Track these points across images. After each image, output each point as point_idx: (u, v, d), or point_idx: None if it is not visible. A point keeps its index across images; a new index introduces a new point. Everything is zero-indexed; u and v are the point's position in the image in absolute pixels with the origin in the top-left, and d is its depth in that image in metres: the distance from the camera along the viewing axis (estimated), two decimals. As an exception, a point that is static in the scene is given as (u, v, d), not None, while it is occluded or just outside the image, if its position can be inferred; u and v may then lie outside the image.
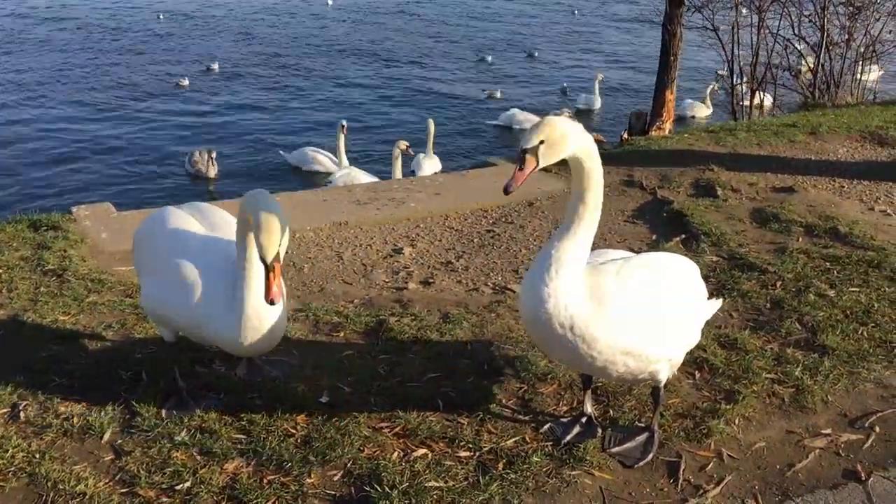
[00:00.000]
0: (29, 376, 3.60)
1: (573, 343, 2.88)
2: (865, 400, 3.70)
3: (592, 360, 2.92)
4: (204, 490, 2.94)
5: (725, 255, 5.29)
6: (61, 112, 16.94)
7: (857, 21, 13.68)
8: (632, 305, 2.93)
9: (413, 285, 4.99)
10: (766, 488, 3.13)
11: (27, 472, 3.01)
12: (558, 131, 2.79)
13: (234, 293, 3.07)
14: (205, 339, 3.30)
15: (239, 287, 3.06)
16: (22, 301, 4.38)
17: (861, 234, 5.56)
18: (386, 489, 2.96)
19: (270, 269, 2.88)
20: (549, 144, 2.79)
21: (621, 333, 2.89)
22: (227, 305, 3.08)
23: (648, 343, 2.96)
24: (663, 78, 11.45)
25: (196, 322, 3.18)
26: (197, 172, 13.11)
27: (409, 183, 7.11)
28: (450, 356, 3.94)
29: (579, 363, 3.01)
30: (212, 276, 3.15)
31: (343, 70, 21.52)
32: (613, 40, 26.11)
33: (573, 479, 3.10)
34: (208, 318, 3.13)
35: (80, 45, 23.39)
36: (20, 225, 5.48)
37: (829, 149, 8.01)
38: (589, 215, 2.90)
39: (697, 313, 3.31)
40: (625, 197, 6.65)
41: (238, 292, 3.06)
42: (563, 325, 2.85)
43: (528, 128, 2.90)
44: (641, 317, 2.94)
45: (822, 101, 12.47)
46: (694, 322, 3.28)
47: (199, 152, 13.27)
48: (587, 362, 2.95)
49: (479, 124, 17.14)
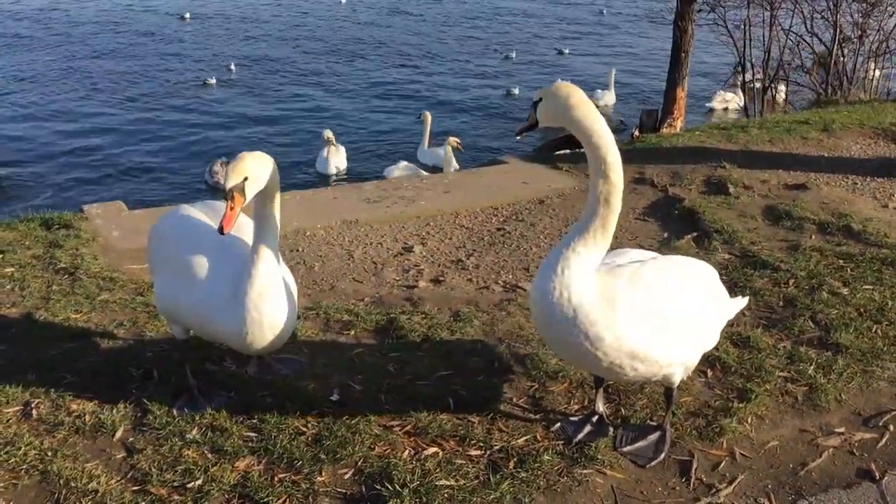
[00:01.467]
0: (41, 374, 3.61)
1: (578, 341, 2.86)
2: (879, 398, 3.67)
3: (598, 360, 2.90)
4: (215, 488, 2.94)
5: (738, 253, 5.26)
6: (74, 108, 17.03)
7: (871, 17, 13.58)
8: (642, 309, 2.89)
9: (423, 283, 4.98)
10: (779, 487, 3.11)
11: (39, 469, 3.02)
12: (564, 94, 2.84)
13: (238, 288, 3.08)
14: (214, 337, 3.31)
15: (243, 280, 3.07)
16: (34, 299, 4.40)
17: (874, 232, 5.52)
18: (397, 487, 2.96)
19: (230, 198, 2.88)
20: (552, 108, 2.89)
21: (628, 337, 2.86)
22: (233, 302, 3.08)
23: (657, 347, 2.92)
24: (674, 75, 11.42)
25: (204, 319, 3.19)
26: (216, 184, 12.17)
27: (419, 181, 7.10)
28: (460, 354, 3.94)
29: (586, 363, 2.99)
30: (222, 273, 3.15)
31: (366, 69, 21.55)
32: (638, 38, 25.97)
33: (584, 477, 3.09)
34: (215, 314, 3.14)
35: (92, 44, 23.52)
36: (32, 223, 5.51)
37: (843, 146, 7.95)
38: (605, 212, 2.85)
39: (715, 317, 3.27)
40: (636, 194, 6.61)
41: (241, 286, 3.07)
42: (567, 320, 2.83)
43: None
44: (651, 321, 2.90)
45: (835, 97, 12.38)
46: (710, 326, 3.25)
47: (220, 163, 12.51)
48: (593, 362, 2.93)
49: (493, 121, 17.14)
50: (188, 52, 22.79)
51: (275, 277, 3.11)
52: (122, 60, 21.64)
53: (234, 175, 2.89)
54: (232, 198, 2.89)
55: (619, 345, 2.86)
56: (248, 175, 2.91)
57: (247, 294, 3.05)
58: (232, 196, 2.89)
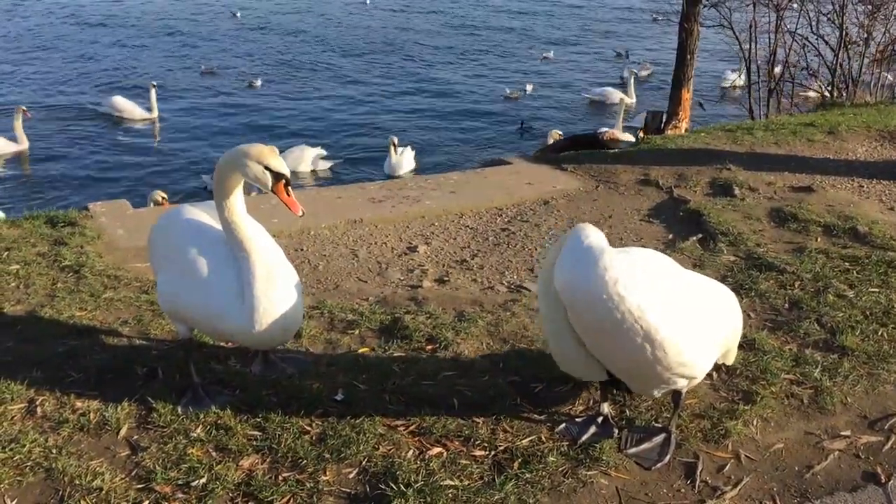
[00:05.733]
0: (45, 372, 3.61)
1: (600, 297, 2.85)
2: (885, 401, 3.65)
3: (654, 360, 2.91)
4: (219, 486, 2.94)
5: (743, 255, 5.24)
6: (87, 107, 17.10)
7: (877, 20, 13.54)
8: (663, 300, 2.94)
9: (428, 283, 4.98)
10: (785, 490, 3.10)
11: (44, 467, 3.02)
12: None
13: (246, 280, 3.10)
14: (221, 333, 3.31)
15: (250, 271, 3.09)
16: (39, 297, 4.40)
17: (881, 235, 5.50)
18: (401, 487, 2.95)
19: (288, 183, 3.08)
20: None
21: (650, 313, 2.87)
22: (242, 294, 3.10)
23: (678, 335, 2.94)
24: (680, 76, 11.41)
25: (210, 315, 3.19)
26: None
27: (424, 181, 7.10)
28: (465, 355, 3.93)
29: (602, 336, 2.97)
30: (226, 269, 3.17)
31: (389, 69, 21.72)
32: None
33: (589, 479, 3.08)
34: (224, 309, 3.14)
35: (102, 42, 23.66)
36: (37, 221, 5.53)
37: (848, 148, 7.94)
38: None
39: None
40: (641, 196, 6.61)
41: (249, 276, 3.09)
42: (600, 270, 2.85)
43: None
44: (672, 309, 2.94)
45: (841, 100, 12.35)
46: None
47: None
48: (636, 357, 2.93)
49: (498, 122, 17.15)
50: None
51: (281, 266, 3.17)
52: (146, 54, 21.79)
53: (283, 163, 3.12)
54: (289, 182, 3.11)
55: (641, 314, 2.87)
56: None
57: (255, 282, 3.08)
58: (290, 181, 3.12)
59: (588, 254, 2.93)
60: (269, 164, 3.05)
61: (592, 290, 2.86)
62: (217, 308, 3.15)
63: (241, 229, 3.14)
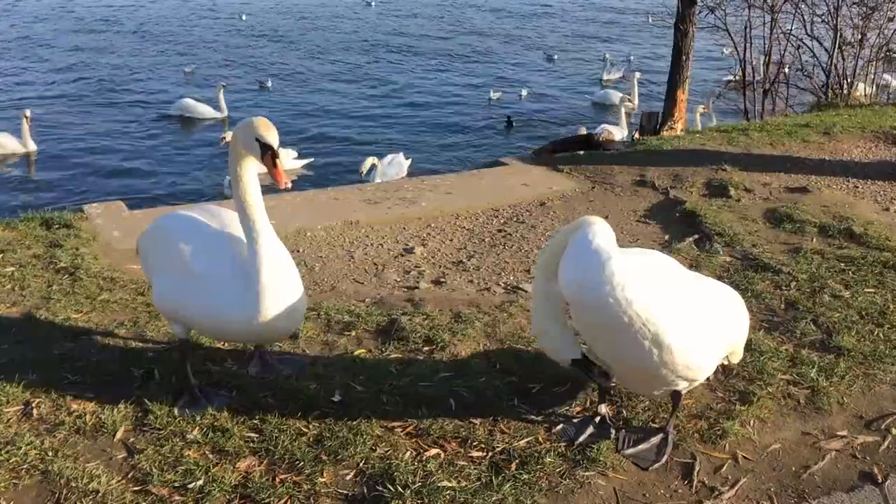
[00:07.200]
0: (41, 374, 3.59)
1: (608, 295, 2.84)
2: (881, 401, 3.66)
3: (620, 320, 2.87)
4: (216, 488, 2.93)
5: (739, 256, 5.25)
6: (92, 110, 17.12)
7: (871, 21, 13.58)
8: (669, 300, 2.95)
9: (425, 285, 4.97)
10: (782, 490, 3.10)
11: (40, 469, 3.00)
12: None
13: (248, 272, 3.11)
14: (222, 328, 3.30)
15: (251, 263, 3.11)
16: (34, 299, 4.39)
17: (876, 235, 5.52)
18: (398, 489, 2.95)
19: (276, 155, 3.07)
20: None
21: (655, 307, 2.88)
22: (243, 286, 3.12)
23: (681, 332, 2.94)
24: (675, 77, 11.39)
25: (213, 308, 3.19)
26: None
27: (421, 182, 7.10)
28: (462, 356, 3.93)
29: (607, 333, 2.97)
30: (225, 266, 3.18)
31: (400, 69, 21.76)
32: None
33: (587, 479, 3.08)
34: (225, 300, 3.15)
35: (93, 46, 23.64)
36: (33, 223, 5.51)
37: (843, 149, 7.96)
38: None
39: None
40: (637, 197, 6.62)
41: (250, 268, 3.11)
42: (609, 273, 2.85)
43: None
44: (678, 308, 2.95)
45: (836, 101, 12.39)
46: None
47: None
48: (614, 327, 2.90)
49: (490, 123, 17.16)
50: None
51: (282, 254, 3.20)
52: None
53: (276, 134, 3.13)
54: (277, 155, 3.12)
55: (646, 308, 2.88)
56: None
57: (262, 266, 3.11)
58: (277, 153, 3.11)
59: (596, 256, 2.91)
60: (259, 134, 3.10)
61: (600, 293, 2.85)
62: (220, 299, 3.16)
63: (253, 210, 3.17)
